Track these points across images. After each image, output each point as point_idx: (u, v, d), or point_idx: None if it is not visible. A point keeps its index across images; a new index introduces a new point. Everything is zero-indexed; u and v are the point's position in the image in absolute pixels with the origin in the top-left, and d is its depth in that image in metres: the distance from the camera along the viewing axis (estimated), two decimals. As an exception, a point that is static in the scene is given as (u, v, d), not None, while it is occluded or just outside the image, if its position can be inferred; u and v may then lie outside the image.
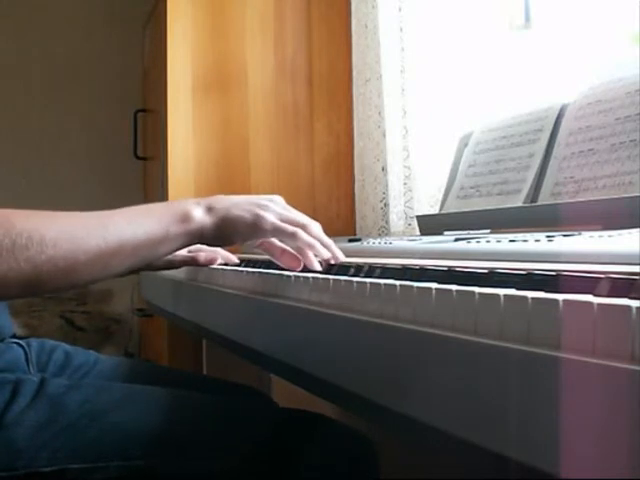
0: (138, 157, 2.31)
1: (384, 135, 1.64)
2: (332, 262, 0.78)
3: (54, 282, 0.67)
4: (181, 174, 1.81)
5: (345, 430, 0.86)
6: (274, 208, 0.78)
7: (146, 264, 0.79)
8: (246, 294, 0.83)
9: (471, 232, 1.06)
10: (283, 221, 0.78)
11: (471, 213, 1.14)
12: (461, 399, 0.44)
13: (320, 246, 0.77)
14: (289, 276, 0.75)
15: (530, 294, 0.40)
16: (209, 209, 0.76)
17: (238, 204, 0.77)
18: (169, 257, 0.92)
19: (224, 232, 0.76)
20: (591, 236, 0.66)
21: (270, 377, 1.72)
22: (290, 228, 0.77)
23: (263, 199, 0.79)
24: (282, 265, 0.82)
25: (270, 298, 0.77)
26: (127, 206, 0.76)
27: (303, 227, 0.78)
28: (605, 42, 1.25)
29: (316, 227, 0.80)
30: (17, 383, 0.79)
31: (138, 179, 2.49)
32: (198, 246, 0.94)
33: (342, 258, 0.79)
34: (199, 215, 0.75)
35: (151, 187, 2.24)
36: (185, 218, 0.74)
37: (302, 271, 0.79)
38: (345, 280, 0.62)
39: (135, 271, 0.90)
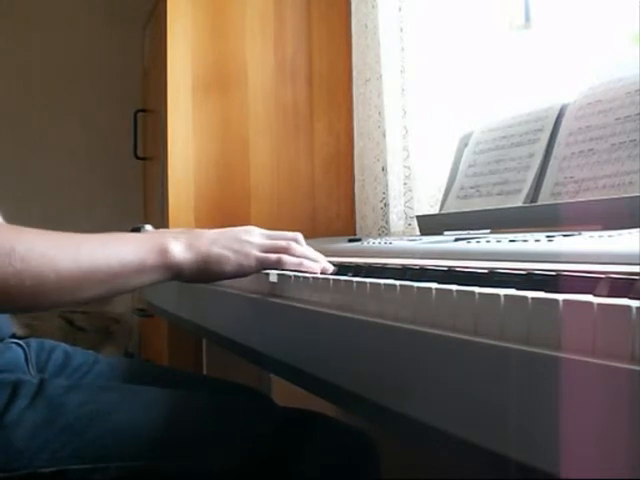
0: (138, 157, 2.31)
1: (384, 135, 1.64)
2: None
3: (21, 299, 0.65)
4: (181, 174, 1.81)
5: (345, 429, 0.86)
6: (253, 240, 0.77)
7: (120, 292, 0.75)
8: (246, 294, 0.83)
9: (471, 232, 1.06)
10: (265, 251, 0.76)
11: (471, 213, 1.14)
12: (461, 399, 0.44)
13: (308, 263, 0.76)
14: (289, 276, 0.75)
15: (530, 294, 0.40)
16: (189, 246, 0.73)
17: (217, 241, 0.75)
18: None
19: (207, 270, 0.74)
20: (591, 236, 0.66)
21: (270, 377, 1.72)
22: (273, 257, 0.76)
23: (240, 232, 0.77)
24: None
25: (270, 298, 0.77)
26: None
27: (286, 250, 0.77)
28: (605, 42, 1.25)
29: (298, 246, 0.78)
30: (16, 384, 0.79)
31: (138, 179, 2.49)
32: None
33: (330, 269, 0.78)
34: (178, 250, 0.72)
35: (151, 187, 2.24)
36: (163, 252, 0.71)
37: (302, 271, 0.79)
38: (345, 280, 0.62)
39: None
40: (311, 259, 0.78)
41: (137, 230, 1.04)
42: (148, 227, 1.06)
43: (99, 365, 1.10)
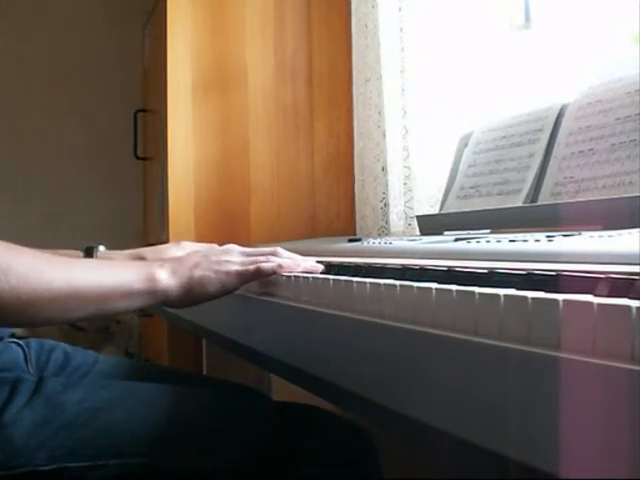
0: (138, 157, 2.31)
1: (384, 135, 1.64)
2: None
3: (14, 315, 0.68)
4: (181, 174, 1.81)
5: (345, 424, 0.86)
6: (232, 259, 0.80)
7: (106, 315, 0.79)
8: (246, 294, 0.83)
9: (471, 232, 1.06)
10: (244, 265, 0.80)
11: (471, 213, 1.14)
12: (461, 399, 0.44)
13: (287, 263, 0.80)
14: (289, 276, 0.75)
15: (530, 294, 0.40)
16: (173, 272, 0.77)
17: (199, 264, 0.79)
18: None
19: (192, 294, 0.77)
20: (591, 236, 0.66)
21: (270, 377, 1.72)
22: (252, 268, 0.79)
23: (219, 253, 0.81)
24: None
25: (270, 298, 0.77)
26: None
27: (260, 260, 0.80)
28: (605, 42, 1.25)
29: (277, 258, 0.81)
30: (15, 382, 0.79)
31: (138, 179, 2.49)
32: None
33: (319, 269, 0.80)
34: (164, 277, 0.76)
35: (151, 187, 2.24)
36: (150, 278, 0.75)
37: (302, 271, 0.79)
38: (345, 280, 0.62)
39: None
40: (291, 265, 0.81)
41: (90, 250, 1.07)
42: (102, 248, 1.09)
43: (99, 365, 1.10)
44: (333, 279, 0.64)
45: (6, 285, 0.65)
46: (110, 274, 0.74)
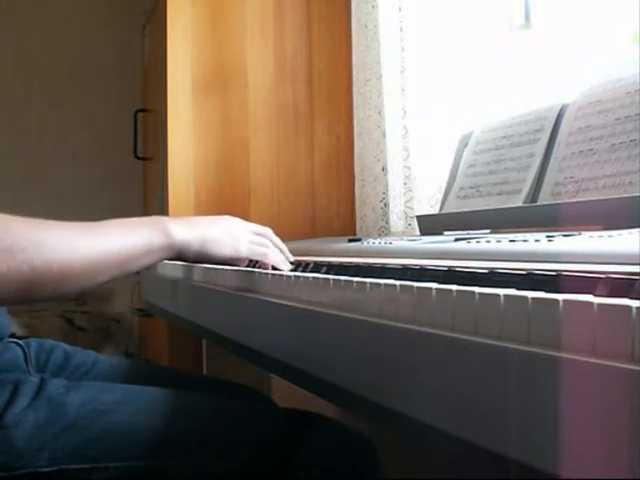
0: (138, 157, 2.31)
1: (384, 135, 1.64)
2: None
3: (48, 287, 0.68)
4: (181, 174, 1.81)
5: (345, 430, 0.86)
6: (245, 230, 0.86)
7: (130, 273, 0.80)
8: (245, 294, 0.83)
9: (471, 232, 1.06)
10: (253, 242, 0.86)
11: (471, 213, 1.14)
12: (461, 399, 0.43)
13: (283, 265, 0.86)
14: (289, 276, 0.75)
15: (530, 294, 0.40)
16: (189, 226, 0.80)
17: (213, 225, 0.83)
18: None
19: (207, 249, 0.81)
20: (591, 236, 0.66)
21: (270, 377, 1.72)
22: (262, 250, 0.86)
23: (230, 220, 0.86)
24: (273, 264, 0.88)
25: (270, 298, 0.77)
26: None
27: (267, 248, 0.87)
28: (605, 42, 1.25)
29: (276, 250, 0.88)
30: (17, 383, 0.79)
31: (138, 179, 2.49)
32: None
33: (291, 258, 0.89)
34: (180, 231, 0.79)
35: (151, 187, 2.24)
36: (166, 232, 0.78)
37: (303, 271, 0.79)
38: (345, 280, 0.62)
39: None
40: (286, 256, 0.89)
41: None
42: None
43: (99, 365, 1.10)
44: (333, 279, 0.64)
45: (41, 259, 0.66)
46: (131, 234, 0.76)
